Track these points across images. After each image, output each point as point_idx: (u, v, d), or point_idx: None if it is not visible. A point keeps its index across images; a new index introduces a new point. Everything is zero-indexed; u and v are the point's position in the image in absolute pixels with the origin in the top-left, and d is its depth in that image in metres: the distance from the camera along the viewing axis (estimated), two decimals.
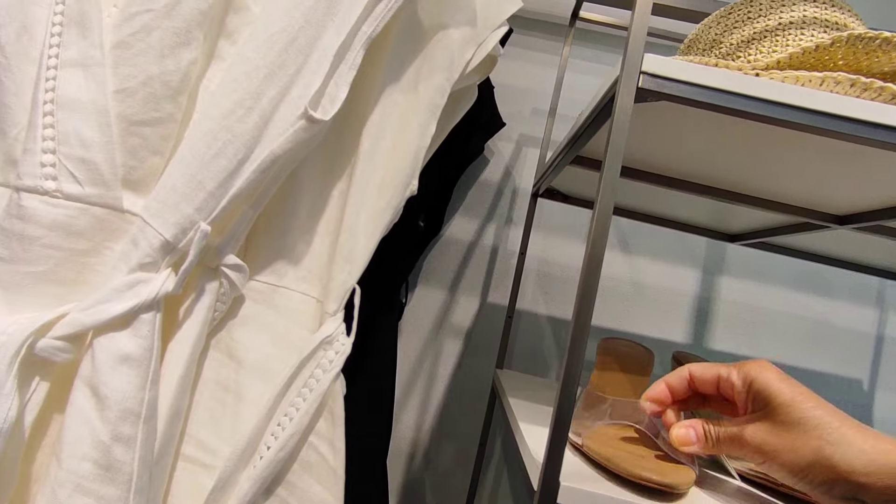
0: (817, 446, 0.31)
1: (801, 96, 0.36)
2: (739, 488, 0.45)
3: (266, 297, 0.44)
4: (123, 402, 0.34)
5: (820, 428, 0.32)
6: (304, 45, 0.38)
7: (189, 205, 0.36)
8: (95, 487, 0.33)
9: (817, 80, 0.37)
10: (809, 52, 0.39)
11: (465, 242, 0.95)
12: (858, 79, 0.36)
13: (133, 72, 0.36)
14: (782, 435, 0.33)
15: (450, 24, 0.47)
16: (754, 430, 0.34)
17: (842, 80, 0.37)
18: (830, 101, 0.35)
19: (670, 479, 0.38)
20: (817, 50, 0.39)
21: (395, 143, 0.46)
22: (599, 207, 0.36)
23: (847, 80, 0.37)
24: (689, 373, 0.39)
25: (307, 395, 0.42)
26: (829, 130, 0.36)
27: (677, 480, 0.39)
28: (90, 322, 0.33)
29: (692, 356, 0.66)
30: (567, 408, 0.34)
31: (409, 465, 0.94)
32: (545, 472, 0.34)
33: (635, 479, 0.38)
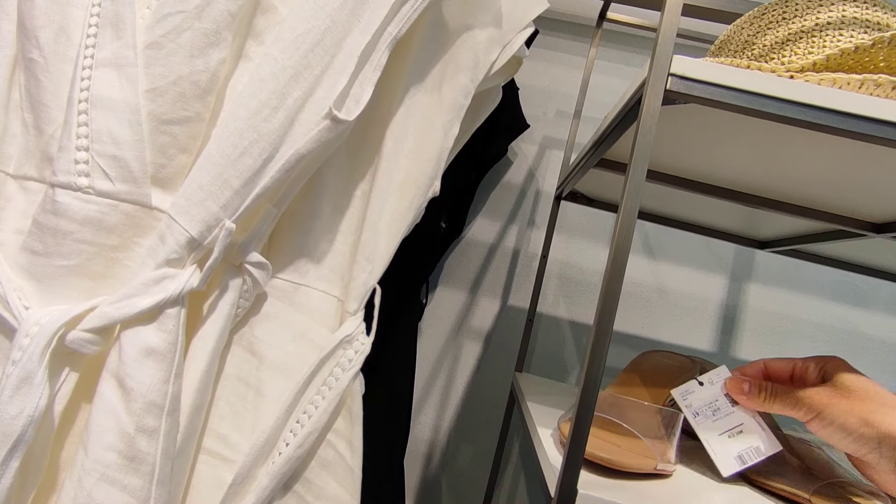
0: (870, 409, 0.36)
1: (837, 99, 0.34)
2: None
3: (288, 294, 0.45)
4: (148, 395, 0.34)
5: (875, 399, 0.37)
6: (329, 46, 0.38)
7: (215, 203, 0.36)
8: (120, 477, 0.34)
9: (856, 82, 0.36)
10: (848, 53, 0.38)
11: (487, 244, 0.95)
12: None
13: (164, 71, 0.37)
14: (840, 398, 0.38)
15: (475, 25, 0.47)
16: (814, 391, 0.39)
17: (883, 83, 0.35)
18: (870, 104, 0.34)
19: (617, 458, 0.41)
20: (857, 51, 0.38)
21: (419, 143, 0.46)
22: (624, 211, 0.35)
23: (889, 83, 0.35)
24: (763, 364, 0.45)
25: (326, 394, 0.42)
26: (867, 135, 0.34)
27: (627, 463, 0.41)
28: (118, 315, 0.34)
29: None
30: (587, 414, 0.33)
31: (427, 465, 0.94)
32: (563, 479, 0.34)
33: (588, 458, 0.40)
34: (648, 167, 0.60)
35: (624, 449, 0.44)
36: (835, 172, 0.46)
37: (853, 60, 0.38)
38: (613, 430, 0.47)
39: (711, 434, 0.46)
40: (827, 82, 0.37)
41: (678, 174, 0.59)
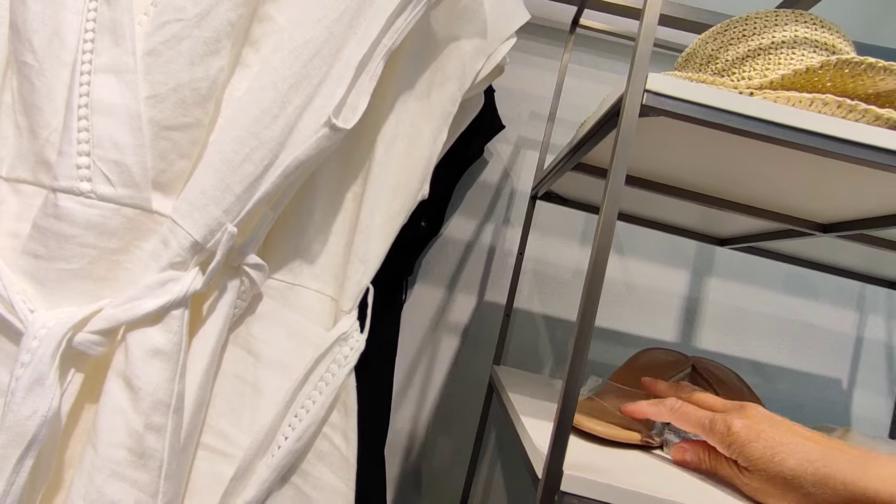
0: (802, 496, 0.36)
1: (792, 116, 0.38)
2: None
3: (283, 294, 0.46)
4: (155, 394, 0.36)
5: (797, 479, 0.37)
6: (327, 56, 0.40)
7: (217, 207, 0.38)
8: (130, 473, 0.35)
9: (807, 101, 0.40)
10: (800, 73, 0.42)
11: (464, 242, 0.97)
12: (844, 101, 0.39)
13: (164, 79, 0.38)
14: (769, 488, 0.38)
15: (461, 36, 0.49)
16: (748, 479, 0.40)
17: (829, 102, 0.40)
18: (818, 122, 0.38)
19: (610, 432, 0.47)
20: (807, 72, 0.42)
21: (409, 149, 0.48)
22: (604, 216, 0.38)
23: (834, 102, 0.39)
24: (670, 409, 0.46)
25: (323, 389, 0.44)
26: (816, 148, 0.38)
27: (618, 435, 0.47)
28: (125, 317, 0.35)
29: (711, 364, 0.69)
30: (572, 401, 0.36)
31: (406, 457, 0.96)
32: (549, 462, 0.37)
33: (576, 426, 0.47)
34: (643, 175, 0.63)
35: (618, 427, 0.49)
36: (787, 179, 0.51)
37: (804, 80, 0.43)
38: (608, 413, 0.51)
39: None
40: (782, 100, 0.41)
41: (648, 178, 0.63)
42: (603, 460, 0.44)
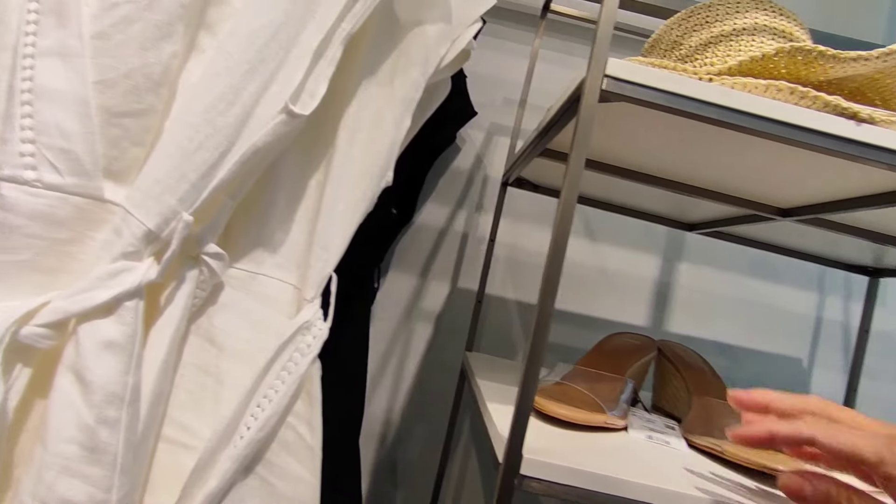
0: None
1: (746, 102, 0.39)
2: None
3: (245, 284, 0.46)
4: (108, 387, 0.35)
5: None
6: (284, 41, 0.39)
7: (172, 196, 0.37)
8: (81, 468, 0.34)
9: (762, 87, 0.41)
10: (756, 59, 0.43)
11: (437, 229, 0.97)
12: (797, 88, 0.40)
13: (114, 63, 0.37)
14: None
15: (425, 21, 0.49)
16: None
17: (783, 88, 0.40)
18: (771, 107, 0.39)
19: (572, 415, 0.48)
20: (763, 59, 0.43)
21: (372, 135, 0.47)
22: (564, 199, 0.39)
23: (787, 88, 0.40)
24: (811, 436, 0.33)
25: (286, 378, 0.44)
26: (769, 133, 0.39)
27: (580, 418, 0.48)
28: (74, 310, 0.34)
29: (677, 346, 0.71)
30: (531, 385, 0.37)
31: (381, 445, 0.97)
32: (509, 445, 0.37)
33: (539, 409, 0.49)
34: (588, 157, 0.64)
35: (579, 409, 0.49)
36: (748, 164, 0.52)
37: (761, 66, 0.43)
38: (574, 396, 0.52)
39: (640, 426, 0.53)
40: (739, 86, 0.41)
41: (614, 163, 0.63)
42: (566, 443, 0.45)
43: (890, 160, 0.39)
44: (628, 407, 0.56)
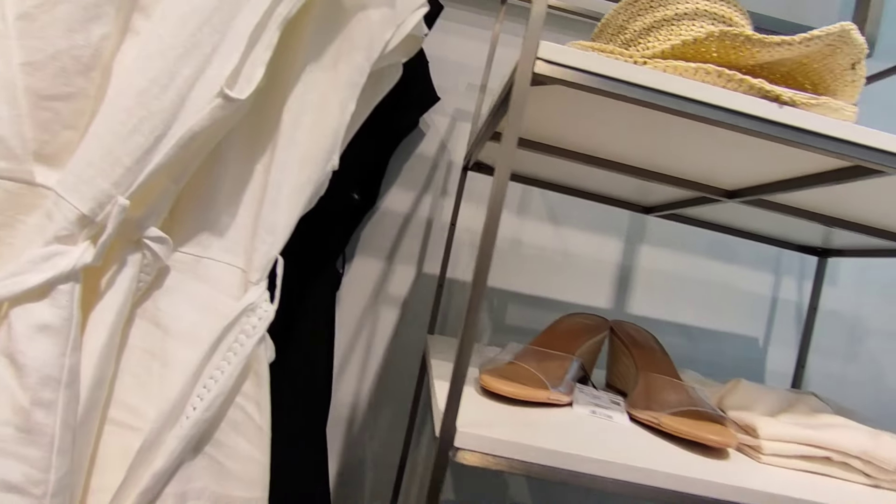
0: None
1: (675, 84, 0.40)
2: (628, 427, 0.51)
3: (191, 267, 0.46)
4: (42, 370, 0.35)
5: None
6: (218, 25, 0.39)
7: (105, 180, 0.37)
8: (17, 449, 0.35)
9: (692, 70, 0.42)
10: (688, 43, 0.44)
11: (402, 214, 0.98)
12: (724, 71, 0.41)
13: (40, 45, 0.36)
14: None
15: (369, 5, 0.49)
16: None
17: (710, 71, 0.41)
18: (699, 90, 0.40)
19: (516, 391, 0.49)
20: (695, 43, 0.44)
21: (316, 119, 0.48)
22: (497, 179, 0.39)
23: (715, 72, 0.41)
24: None
25: (232, 359, 0.44)
26: (697, 115, 0.40)
27: (523, 394, 0.49)
28: (5, 293, 0.35)
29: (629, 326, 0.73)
30: (464, 363, 0.38)
31: (350, 428, 0.98)
32: (444, 419, 0.38)
33: (486, 387, 0.50)
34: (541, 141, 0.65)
35: (526, 386, 0.51)
36: (690, 147, 0.53)
37: (693, 50, 0.44)
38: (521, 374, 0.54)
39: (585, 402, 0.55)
40: (670, 69, 0.42)
41: (568, 148, 0.64)
42: (509, 418, 0.47)
43: (809, 141, 0.41)
44: (574, 384, 0.58)
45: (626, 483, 0.41)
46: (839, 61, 0.47)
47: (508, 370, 0.56)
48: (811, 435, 0.50)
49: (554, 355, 0.59)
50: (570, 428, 0.48)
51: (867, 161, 0.42)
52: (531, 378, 0.54)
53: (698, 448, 0.50)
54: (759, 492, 0.43)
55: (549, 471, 0.40)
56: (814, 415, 0.56)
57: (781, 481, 0.47)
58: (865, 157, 0.41)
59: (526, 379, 0.53)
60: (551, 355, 0.59)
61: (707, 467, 0.45)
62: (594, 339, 0.67)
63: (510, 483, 0.99)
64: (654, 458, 0.44)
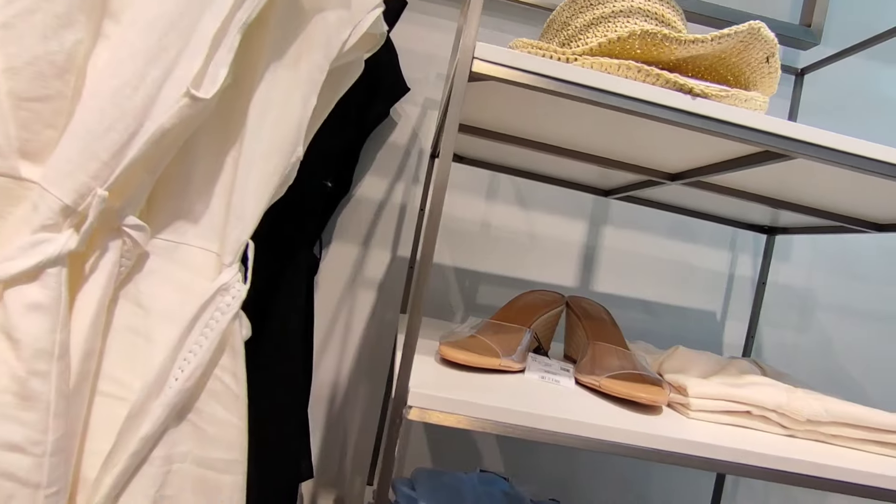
0: None
1: (597, 79, 0.45)
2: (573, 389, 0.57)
3: (168, 252, 0.50)
4: (36, 344, 0.40)
5: None
6: (183, 30, 0.43)
7: (84, 173, 0.41)
8: (16, 414, 0.39)
9: (615, 66, 0.47)
10: (613, 41, 0.49)
11: (376, 201, 1.02)
12: (643, 66, 0.46)
13: (18, 51, 0.40)
14: None
15: (326, 7, 0.53)
16: None
17: (632, 67, 0.46)
18: (619, 84, 0.45)
19: (469, 358, 0.54)
20: (619, 41, 0.48)
21: (280, 114, 0.52)
22: (440, 160, 0.44)
23: (635, 67, 0.46)
24: None
25: (209, 334, 0.49)
26: (618, 107, 0.45)
27: (476, 361, 0.54)
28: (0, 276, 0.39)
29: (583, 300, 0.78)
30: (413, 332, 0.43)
31: (330, 406, 1.03)
32: (398, 381, 0.44)
33: (444, 356, 0.55)
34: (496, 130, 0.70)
35: (479, 355, 0.56)
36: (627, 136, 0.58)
37: (619, 48, 0.49)
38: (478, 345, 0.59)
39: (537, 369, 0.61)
40: (597, 66, 0.47)
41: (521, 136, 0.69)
42: (462, 383, 0.52)
43: (718, 129, 0.46)
44: (528, 354, 0.63)
45: (558, 434, 0.46)
46: (754, 55, 0.52)
47: (466, 342, 0.61)
48: (733, 392, 0.56)
49: (509, 328, 0.65)
50: (518, 390, 0.53)
51: (773, 147, 0.47)
52: (486, 348, 0.59)
53: (634, 406, 0.55)
54: (681, 440, 0.49)
55: (491, 424, 0.46)
56: (741, 375, 0.62)
57: (704, 432, 0.52)
58: (770, 143, 0.46)
59: (481, 349, 0.59)
60: (506, 328, 0.64)
61: (637, 421, 0.51)
62: (550, 313, 0.73)
63: (484, 454, 1.06)
64: (590, 413, 0.50)
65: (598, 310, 0.75)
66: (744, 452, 0.50)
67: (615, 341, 0.67)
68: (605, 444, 0.47)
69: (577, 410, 0.50)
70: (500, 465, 1.06)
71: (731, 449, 0.50)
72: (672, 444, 0.49)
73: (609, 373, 0.58)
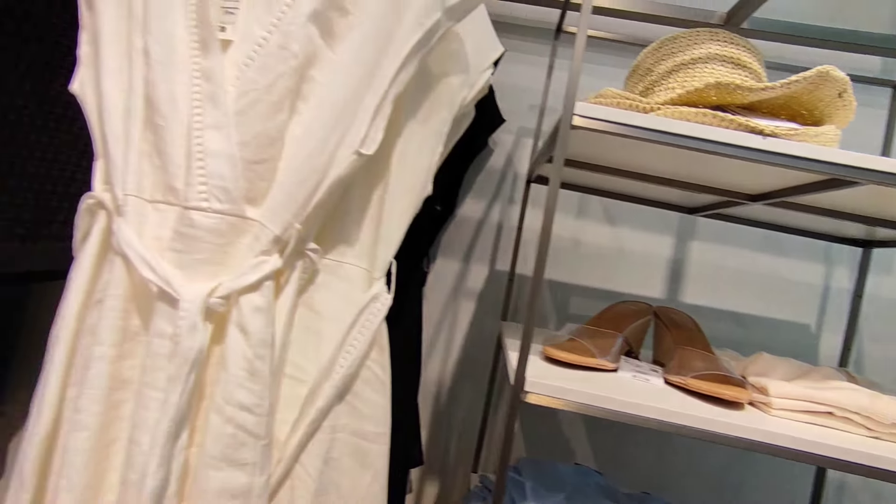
0: None
1: (676, 126, 0.54)
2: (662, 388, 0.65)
3: (333, 269, 0.66)
4: (258, 335, 0.56)
5: None
6: (353, 106, 0.58)
7: (288, 213, 0.57)
8: (248, 385, 0.55)
9: (693, 114, 0.56)
10: (691, 91, 0.58)
11: (476, 220, 1.15)
12: (717, 113, 0.55)
13: (248, 130, 0.57)
14: None
15: (450, 73, 0.67)
16: None
17: (707, 114, 0.55)
18: (696, 130, 0.54)
19: (570, 357, 0.62)
20: (696, 91, 0.58)
21: (415, 161, 0.66)
22: (550, 191, 0.56)
23: (710, 114, 0.55)
24: None
25: (364, 333, 0.64)
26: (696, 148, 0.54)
27: (576, 359, 0.62)
28: (237, 287, 0.55)
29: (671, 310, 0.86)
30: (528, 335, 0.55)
31: (436, 401, 1.17)
32: (517, 372, 0.55)
33: (547, 355, 0.63)
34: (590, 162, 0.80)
35: (578, 354, 0.66)
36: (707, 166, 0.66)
37: (696, 96, 0.58)
38: (576, 347, 0.69)
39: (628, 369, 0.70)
40: (677, 115, 0.57)
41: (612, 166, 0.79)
42: (565, 376, 0.63)
43: (786, 162, 0.53)
44: (619, 355, 0.72)
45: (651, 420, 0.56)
46: (826, 92, 0.59)
47: (566, 344, 0.71)
48: (814, 393, 0.62)
49: (603, 333, 0.74)
50: (614, 384, 0.63)
51: (839, 175, 0.53)
52: (583, 349, 0.69)
53: (718, 402, 0.63)
54: (764, 430, 0.56)
55: (596, 410, 0.56)
56: (824, 381, 0.67)
57: (787, 426, 0.59)
58: (834, 171, 0.53)
59: (579, 350, 0.69)
60: (601, 333, 0.74)
61: (722, 413, 0.58)
62: (639, 322, 0.81)
63: (576, 450, 1.14)
64: (679, 405, 0.58)
65: (685, 319, 0.83)
66: (829, 446, 0.55)
67: (701, 347, 0.75)
68: (693, 430, 0.56)
69: (668, 402, 0.58)
70: (591, 461, 1.14)
71: (814, 442, 0.56)
72: (756, 434, 0.56)
73: (694, 373, 0.66)
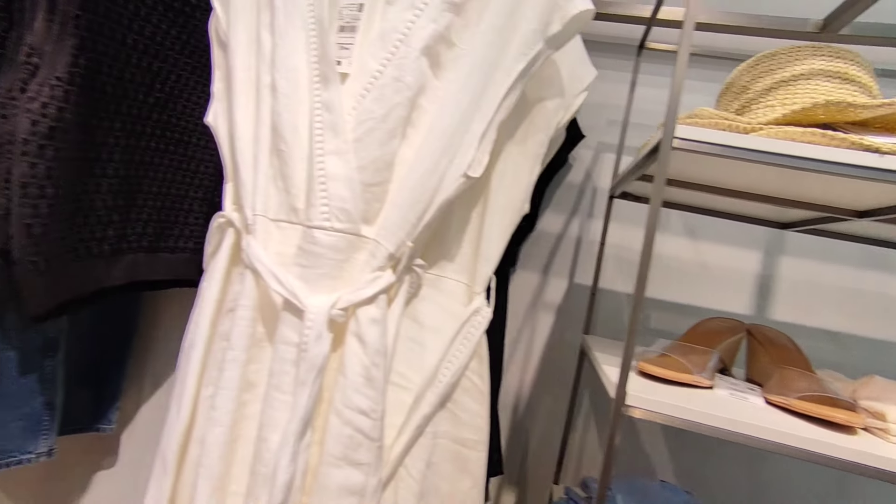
0: None
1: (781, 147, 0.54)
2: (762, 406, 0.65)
3: (435, 283, 0.70)
4: (374, 345, 0.61)
5: None
6: (461, 132, 0.62)
7: (402, 231, 0.62)
8: (364, 391, 0.60)
9: (800, 133, 0.56)
10: (797, 111, 0.58)
11: (555, 234, 1.17)
12: (827, 132, 0.55)
13: (366, 155, 0.62)
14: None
15: (546, 97, 0.70)
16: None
17: (816, 134, 0.55)
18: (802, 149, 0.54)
19: (666, 373, 0.62)
20: (803, 110, 0.58)
21: (513, 181, 0.70)
22: (651, 209, 0.57)
23: (819, 133, 0.55)
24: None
25: (466, 345, 0.67)
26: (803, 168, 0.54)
27: (672, 375, 0.63)
28: (355, 300, 0.61)
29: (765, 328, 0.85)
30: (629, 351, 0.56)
31: (514, 412, 1.19)
32: (618, 386, 0.57)
33: (642, 370, 0.64)
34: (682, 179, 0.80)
35: (674, 370, 0.67)
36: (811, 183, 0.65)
37: (802, 115, 0.58)
38: (670, 363, 0.70)
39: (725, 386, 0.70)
40: (781, 135, 0.57)
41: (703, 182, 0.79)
42: (661, 391, 0.64)
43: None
44: (714, 372, 0.72)
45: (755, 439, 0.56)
46: None
47: (660, 360, 0.72)
48: None
49: (697, 349, 0.74)
50: (712, 401, 0.63)
51: None
52: (678, 365, 0.70)
53: (827, 425, 0.61)
54: (885, 457, 0.54)
55: (696, 426, 0.57)
56: None
57: None
58: None
59: (674, 366, 0.70)
60: (695, 349, 0.74)
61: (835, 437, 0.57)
62: (732, 339, 0.80)
63: (657, 468, 1.13)
64: (782, 425, 0.58)
65: (782, 337, 0.81)
66: None
67: (802, 366, 0.73)
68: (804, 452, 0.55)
69: (773, 422, 0.58)
70: (671, 478, 1.12)
71: None
72: (876, 461, 0.54)
73: (799, 394, 0.64)
